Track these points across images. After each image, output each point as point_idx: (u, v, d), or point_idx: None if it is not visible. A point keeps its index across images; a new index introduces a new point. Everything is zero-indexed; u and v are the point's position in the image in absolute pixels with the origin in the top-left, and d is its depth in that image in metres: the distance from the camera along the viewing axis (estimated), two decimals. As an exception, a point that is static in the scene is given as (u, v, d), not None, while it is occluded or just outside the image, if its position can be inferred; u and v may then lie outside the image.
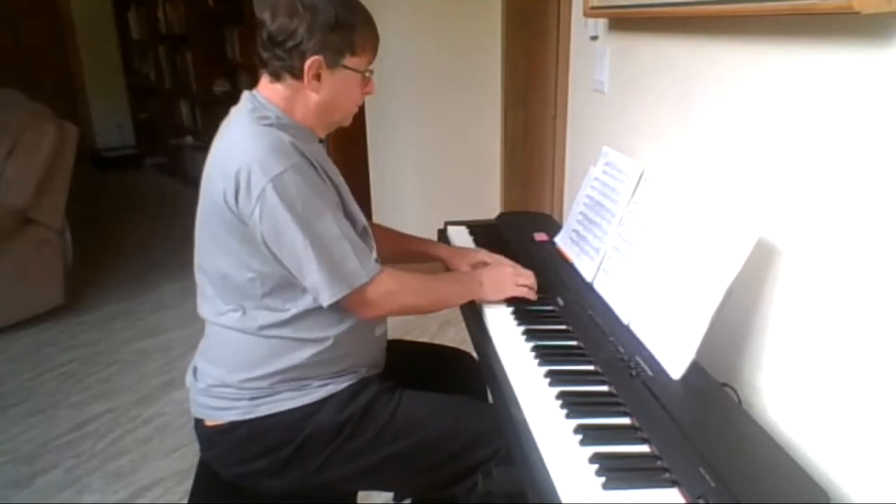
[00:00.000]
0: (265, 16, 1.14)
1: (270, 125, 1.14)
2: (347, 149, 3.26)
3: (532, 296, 1.33)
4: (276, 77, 1.17)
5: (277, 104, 1.18)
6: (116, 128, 6.30)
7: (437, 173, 3.29)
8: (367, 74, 1.21)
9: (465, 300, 1.35)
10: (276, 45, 1.14)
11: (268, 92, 1.19)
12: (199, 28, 4.74)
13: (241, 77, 4.72)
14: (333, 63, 1.16)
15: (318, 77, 1.16)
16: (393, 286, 1.20)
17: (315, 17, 1.12)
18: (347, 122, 1.28)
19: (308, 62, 1.13)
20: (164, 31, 5.26)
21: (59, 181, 2.99)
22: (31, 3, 5.53)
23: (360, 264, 1.14)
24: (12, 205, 2.84)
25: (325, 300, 1.13)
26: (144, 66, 5.97)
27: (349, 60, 1.17)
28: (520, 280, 1.34)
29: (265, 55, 1.16)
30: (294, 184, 1.09)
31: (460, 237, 1.73)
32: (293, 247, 1.10)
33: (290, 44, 1.13)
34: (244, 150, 1.10)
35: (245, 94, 1.21)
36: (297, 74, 1.15)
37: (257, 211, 1.08)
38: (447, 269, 1.50)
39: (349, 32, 1.15)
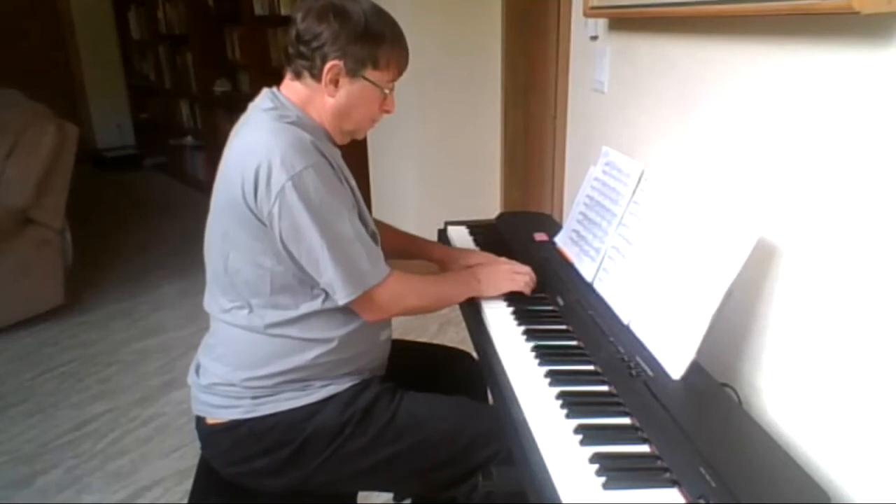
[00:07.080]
0: (297, 14, 1.16)
1: (292, 123, 1.15)
2: (348, 148, 3.23)
3: (529, 289, 1.34)
4: (297, 75, 1.19)
5: (296, 103, 1.19)
6: (116, 128, 6.31)
7: (438, 173, 3.29)
8: (386, 91, 1.22)
9: (463, 298, 1.36)
10: (302, 43, 1.16)
11: (288, 91, 1.21)
12: (199, 28, 4.74)
13: (241, 77, 4.72)
14: (353, 72, 1.17)
15: (335, 82, 1.17)
16: (400, 289, 1.21)
17: (343, 25, 1.14)
18: (361, 135, 1.29)
19: (328, 65, 1.15)
20: (164, 31, 5.26)
21: (59, 181, 2.99)
22: (31, 3, 5.53)
23: (373, 266, 1.16)
24: (12, 205, 2.84)
25: (342, 299, 1.14)
26: (144, 66, 5.97)
27: (370, 73, 1.18)
28: (517, 276, 1.35)
29: (291, 51, 1.19)
30: (313, 183, 1.09)
31: (460, 237, 1.73)
32: (310, 245, 1.11)
33: (314, 45, 1.15)
34: (265, 145, 1.10)
35: (265, 92, 1.22)
36: (317, 75, 1.17)
37: (276, 208, 1.09)
38: (442, 271, 1.50)
39: (375, 46, 1.16)
